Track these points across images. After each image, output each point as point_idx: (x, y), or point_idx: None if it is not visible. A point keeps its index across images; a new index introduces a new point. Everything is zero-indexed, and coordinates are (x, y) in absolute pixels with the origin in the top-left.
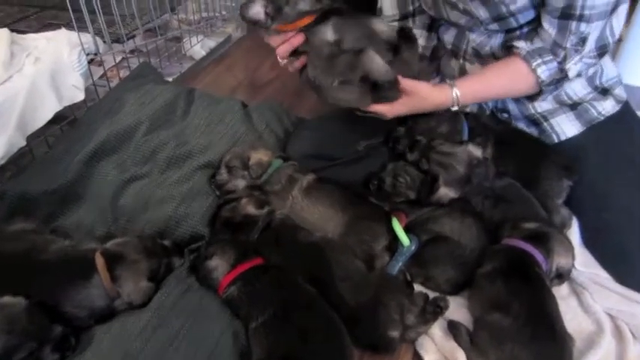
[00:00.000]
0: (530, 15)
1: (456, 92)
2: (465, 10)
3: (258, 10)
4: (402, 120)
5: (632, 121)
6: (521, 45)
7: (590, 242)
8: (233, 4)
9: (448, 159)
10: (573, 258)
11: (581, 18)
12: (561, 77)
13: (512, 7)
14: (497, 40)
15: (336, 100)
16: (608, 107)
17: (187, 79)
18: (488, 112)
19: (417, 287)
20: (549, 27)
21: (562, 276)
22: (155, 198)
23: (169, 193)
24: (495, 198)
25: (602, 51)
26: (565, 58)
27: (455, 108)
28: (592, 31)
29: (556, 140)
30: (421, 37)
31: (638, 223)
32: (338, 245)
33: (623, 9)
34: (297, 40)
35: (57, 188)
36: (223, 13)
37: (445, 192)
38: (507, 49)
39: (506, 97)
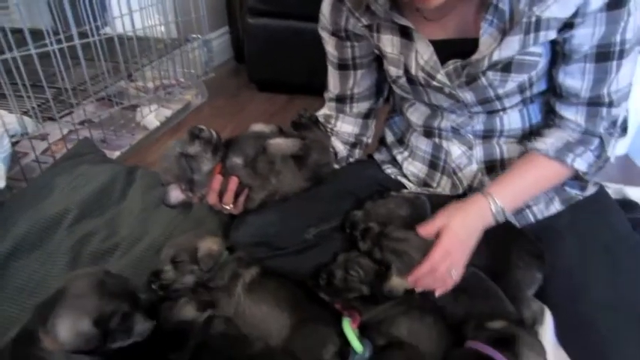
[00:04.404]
0: (516, 99)
1: (496, 203)
2: (450, 94)
3: (177, 194)
4: (359, 204)
5: (608, 205)
6: (542, 146)
7: (565, 339)
8: (192, 71)
9: (401, 245)
10: None
11: (610, 104)
12: (603, 163)
13: (500, 91)
14: (479, 120)
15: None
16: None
17: (139, 151)
18: None
19: None
20: (575, 116)
21: None
22: None
23: None
24: (456, 290)
25: (624, 126)
26: (602, 145)
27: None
28: (621, 112)
29: (532, 220)
30: (355, 125)
31: (616, 320)
32: (281, 357)
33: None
34: (234, 183)
35: None
36: (181, 80)
37: (399, 282)
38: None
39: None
